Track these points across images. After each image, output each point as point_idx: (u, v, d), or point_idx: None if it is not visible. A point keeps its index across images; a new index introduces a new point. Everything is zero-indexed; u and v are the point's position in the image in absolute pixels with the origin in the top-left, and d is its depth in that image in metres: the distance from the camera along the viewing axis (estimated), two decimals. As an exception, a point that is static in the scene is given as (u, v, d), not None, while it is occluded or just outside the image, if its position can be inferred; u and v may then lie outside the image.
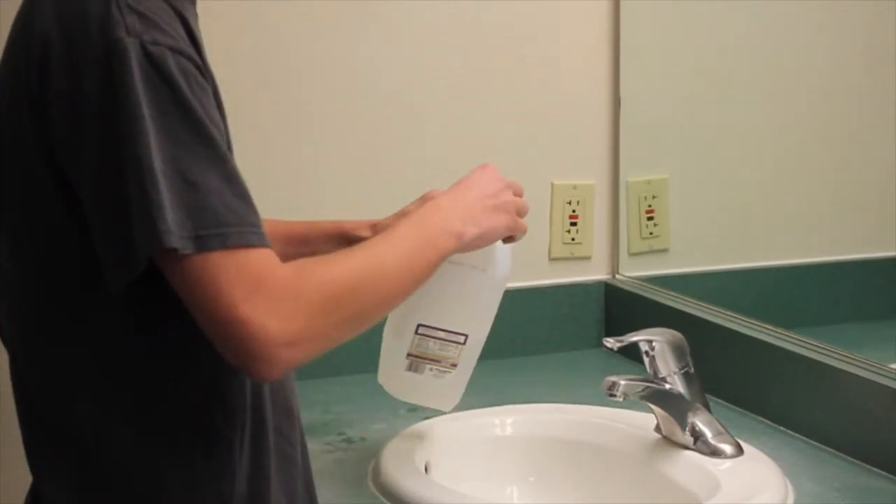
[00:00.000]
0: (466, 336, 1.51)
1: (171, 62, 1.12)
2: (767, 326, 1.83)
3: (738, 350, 1.84)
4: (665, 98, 2.22)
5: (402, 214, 1.52)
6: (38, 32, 1.15)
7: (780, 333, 1.80)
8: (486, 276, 1.49)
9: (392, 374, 1.56)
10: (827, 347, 1.71)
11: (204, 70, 1.16)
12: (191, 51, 1.14)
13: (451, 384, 1.55)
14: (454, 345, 1.52)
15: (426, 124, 2.06)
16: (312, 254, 1.27)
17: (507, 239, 1.46)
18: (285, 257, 1.18)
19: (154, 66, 1.11)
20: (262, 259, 1.12)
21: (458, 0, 2.05)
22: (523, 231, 1.45)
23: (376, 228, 1.52)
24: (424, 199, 1.49)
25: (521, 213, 1.44)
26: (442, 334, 1.51)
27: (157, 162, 1.09)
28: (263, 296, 1.10)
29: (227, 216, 1.11)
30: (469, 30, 2.06)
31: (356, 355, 1.97)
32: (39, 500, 1.26)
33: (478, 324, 1.52)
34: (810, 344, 1.73)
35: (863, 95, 2.13)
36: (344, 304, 1.17)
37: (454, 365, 1.53)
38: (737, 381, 1.82)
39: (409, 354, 1.52)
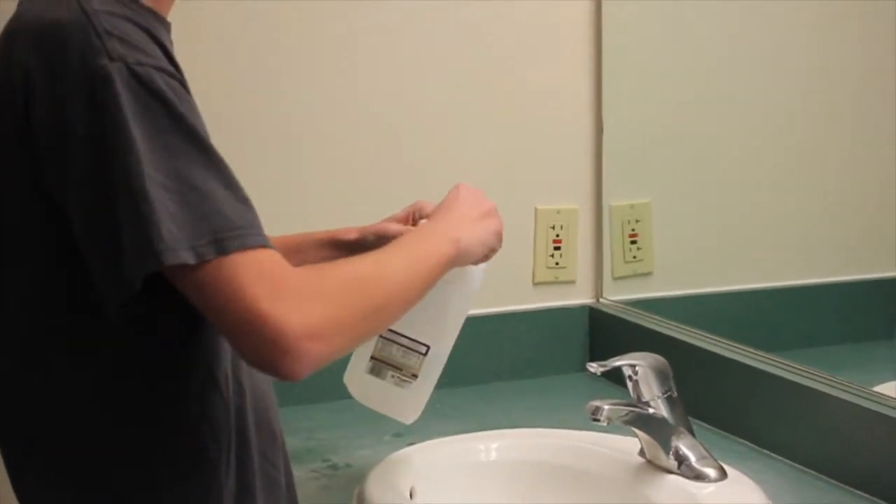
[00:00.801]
0: (428, 347, 1.54)
1: (159, 79, 1.12)
2: (750, 350, 1.83)
3: (721, 373, 1.84)
4: (647, 123, 2.23)
5: (391, 219, 1.59)
6: (19, 62, 1.15)
7: (763, 356, 1.80)
8: (455, 290, 1.51)
9: (355, 375, 1.59)
10: (810, 370, 1.72)
11: (185, 84, 1.17)
12: (174, 70, 1.15)
13: (411, 395, 1.57)
14: (416, 354, 1.55)
15: (409, 150, 2.06)
16: (304, 262, 1.28)
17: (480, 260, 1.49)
18: None
19: (142, 83, 1.11)
20: (275, 258, 1.13)
21: (441, 26, 2.06)
22: (499, 246, 1.49)
23: (363, 232, 1.59)
24: (414, 207, 1.57)
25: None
26: (405, 341, 1.54)
27: (158, 177, 1.09)
28: (283, 293, 1.11)
29: (236, 220, 1.11)
30: (452, 56, 2.07)
31: (340, 382, 1.98)
32: None
33: (441, 338, 1.55)
34: (793, 367, 1.74)
35: (846, 120, 2.14)
36: (361, 298, 1.19)
37: (415, 375, 1.55)
38: (720, 404, 1.82)
39: (372, 357, 1.56)
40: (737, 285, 2.15)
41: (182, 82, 1.16)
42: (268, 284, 1.10)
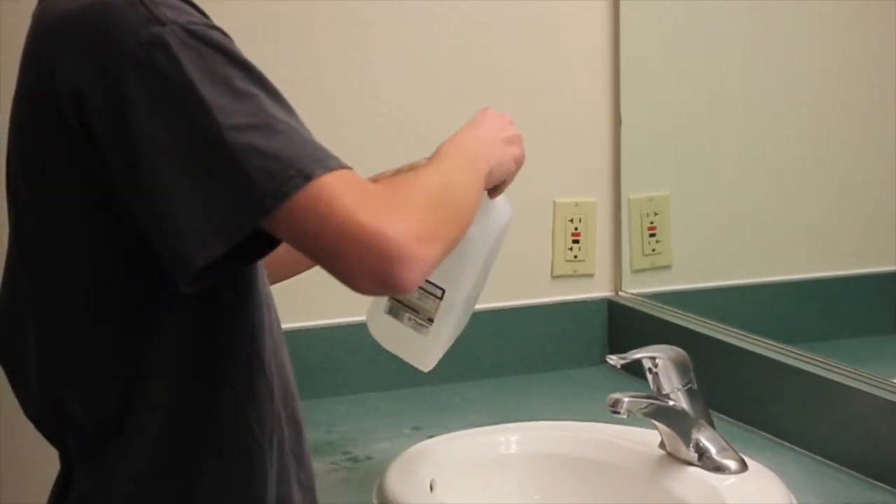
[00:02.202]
0: (444, 291, 1.51)
1: (215, 33, 1.13)
2: (770, 342, 1.83)
3: (741, 366, 1.84)
4: (665, 115, 2.22)
5: (410, 167, 1.53)
6: (61, 59, 1.14)
7: (783, 349, 1.80)
8: (476, 230, 1.47)
9: (375, 315, 1.56)
10: (830, 362, 1.71)
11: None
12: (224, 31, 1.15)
13: (427, 342, 1.53)
14: (432, 297, 1.51)
15: (426, 145, 2.05)
16: None
17: (492, 192, 1.47)
18: None
19: (201, 38, 1.11)
20: (356, 177, 1.12)
21: (458, 21, 2.06)
22: (521, 163, 1.48)
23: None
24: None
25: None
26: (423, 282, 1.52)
27: (239, 124, 1.08)
28: (376, 203, 1.09)
29: (317, 151, 1.11)
30: (469, 50, 2.07)
31: (358, 375, 1.99)
32: (69, 487, 1.26)
33: (459, 281, 1.51)
34: (813, 359, 1.74)
35: (865, 112, 2.13)
36: (442, 204, 1.18)
37: (430, 320, 1.52)
38: (740, 396, 1.82)
39: (391, 296, 1.52)
40: (755, 278, 2.15)
41: (228, 38, 1.15)
42: (360, 198, 1.09)
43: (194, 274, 1.10)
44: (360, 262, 1.08)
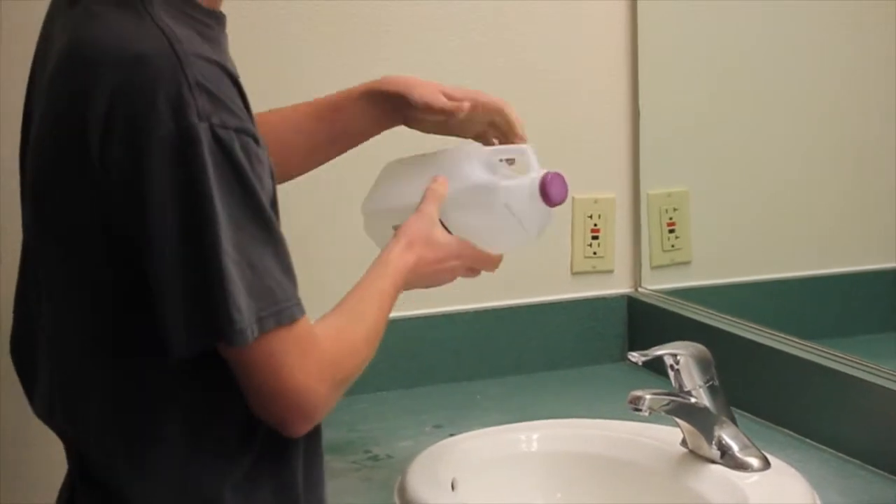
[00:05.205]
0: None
1: (237, 145, 1.15)
2: (792, 338, 1.82)
3: (762, 362, 1.83)
4: (684, 110, 2.22)
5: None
6: (96, 95, 1.14)
7: (805, 345, 1.79)
8: (475, 215, 1.48)
9: (377, 234, 1.56)
10: (852, 358, 1.71)
11: (258, 139, 1.19)
12: (250, 124, 1.17)
13: None
14: None
15: (446, 143, 2.05)
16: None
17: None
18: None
19: (223, 150, 1.13)
20: (305, 328, 1.20)
21: (477, 20, 2.06)
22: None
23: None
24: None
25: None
26: None
27: (231, 252, 1.13)
28: (312, 363, 1.20)
29: (278, 293, 1.17)
30: (488, 48, 2.07)
31: (379, 373, 1.98)
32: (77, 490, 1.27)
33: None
34: (835, 355, 1.73)
35: (886, 107, 2.12)
36: (362, 358, 1.30)
37: None
38: (762, 393, 1.81)
39: (395, 227, 1.49)
40: (775, 273, 2.14)
41: (255, 138, 1.18)
42: (300, 356, 1.19)
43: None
44: (281, 412, 1.21)
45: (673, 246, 2.20)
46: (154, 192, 1.12)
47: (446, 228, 1.47)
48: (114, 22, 1.17)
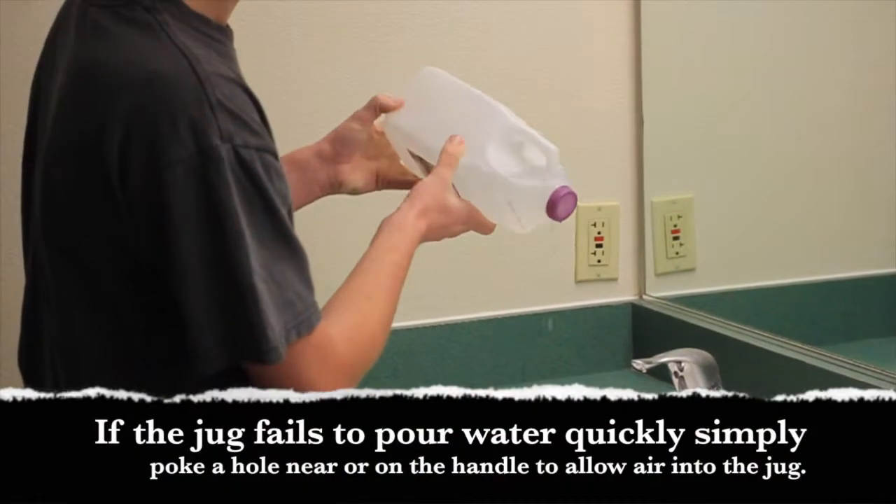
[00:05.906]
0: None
1: (259, 164, 1.15)
2: (797, 344, 1.82)
3: (767, 368, 1.83)
4: (688, 117, 2.21)
5: (353, 118, 1.56)
6: (115, 118, 1.14)
7: (811, 350, 1.79)
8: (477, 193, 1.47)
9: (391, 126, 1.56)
10: (857, 363, 1.70)
11: (276, 154, 1.19)
12: (269, 141, 1.18)
13: None
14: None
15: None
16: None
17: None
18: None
19: (245, 170, 1.13)
20: (323, 334, 1.20)
21: (479, 24, 2.05)
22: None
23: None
24: (373, 102, 1.56)
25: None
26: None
27: (258, 270, 1.14)
28: (330, 371, 1.21)
29: (298, 305, 1.18)
30: (491, 52, 2.06)
31: (383, 381, 1.97)
32: None
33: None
34: (840, 360, 1.73)
35: (890, 112, 2.12)
36: (373, 359, 1.29)
37: None
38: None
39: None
40: (780, 279, 2.14)
41: (275, 153, 1.18)
42: (319, 364, 1.20)
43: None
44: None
45: (677, 253, 2.20)
46: (178, 215, 1.12)
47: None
48: (129, 41, 1.17)
